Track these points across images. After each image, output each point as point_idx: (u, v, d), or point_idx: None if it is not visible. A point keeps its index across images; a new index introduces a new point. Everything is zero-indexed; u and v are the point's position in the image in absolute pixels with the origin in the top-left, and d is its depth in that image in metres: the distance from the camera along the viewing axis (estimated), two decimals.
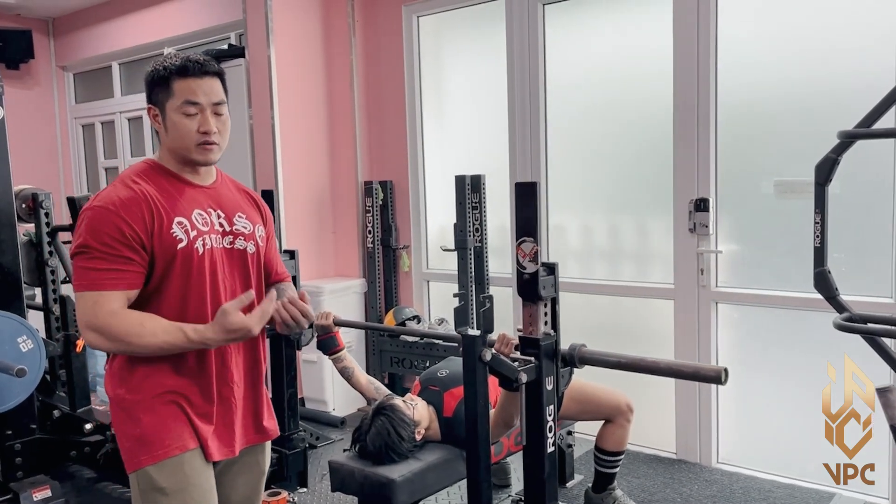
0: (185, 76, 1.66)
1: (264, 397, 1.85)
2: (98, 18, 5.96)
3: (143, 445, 1.64)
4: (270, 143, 4.39)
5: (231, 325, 1.59)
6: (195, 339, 1.60)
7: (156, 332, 1.59)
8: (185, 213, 1.67)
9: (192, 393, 1.69)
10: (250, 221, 1.81)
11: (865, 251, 3.14)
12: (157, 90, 1.69)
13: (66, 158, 6.60)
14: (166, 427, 1.65)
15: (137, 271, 1.61)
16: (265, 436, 1.84)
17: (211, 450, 1.70)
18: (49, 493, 3.32)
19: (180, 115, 1.66)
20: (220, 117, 1.71)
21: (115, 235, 1.58)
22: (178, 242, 1.63)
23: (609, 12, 3.85)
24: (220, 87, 1.72)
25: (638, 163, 3.81)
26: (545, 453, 2.16)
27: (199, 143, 1.67)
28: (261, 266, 1.83)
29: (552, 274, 2.15)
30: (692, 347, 3.51)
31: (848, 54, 3.13)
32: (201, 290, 1.67)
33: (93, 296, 1.58)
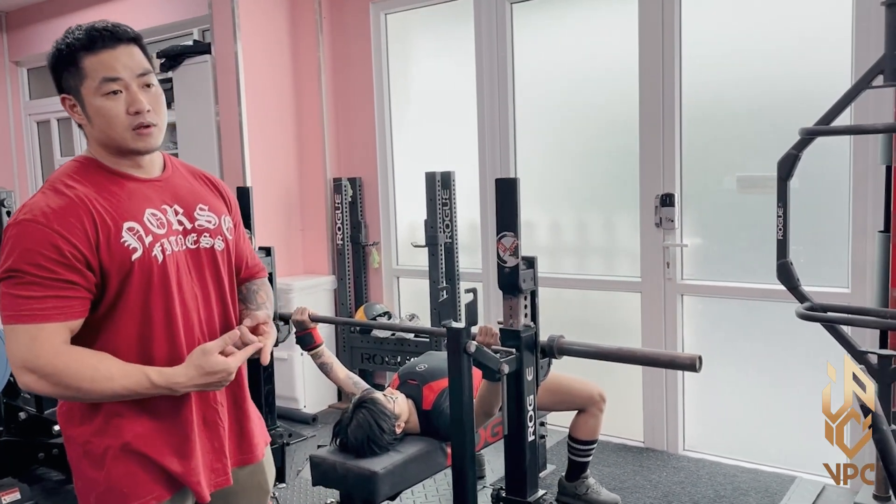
0: (94, 50, 1.37)
1: (251, 413, 1.65)
2: (53, 13, 5.82)
3: (111, 498, 1.42)
4: (238, 141, 4.36)
5: (212, 366, 1.38)
6: (160, 383, 1.36)
7: (112, 377, 1.33)
8: (134, 215, 1.40)
9: (166, 432, 1.45)
10: (214, 213, 1.55)
11: (824, 243, 3.28)
12: (66, 75, 1.40)
13: (20, 156, 6.43)
14: (137, 478, 1.42)
15: (82, 297, 1.34)
16: (254, 455, 1.63)
17: (201, 490, 1.49)
18: (18, 495, 3.26)
19: (101, 97, 1.38)
20: (149, 90, 1.42)
21: (51, 255, 1.30)
22: (131, 253, 1.37)
23: (576, 11, 3.93)
24: (140, 55, 1.42)
25: (605, 159, 3.90)
26: (526, 442, 2.22)
27: (133, 128, 1.39)
28: (231, 262, 1.60)
29: (532, 267, 2.21)
30: (659, 338, 3.62)
31: (807, 54, 3.26)
32: (167, 303, 1.43)
33: (29, 330, 1.30)
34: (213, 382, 1.41)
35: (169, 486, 1.47)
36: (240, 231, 1.69)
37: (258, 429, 1.67)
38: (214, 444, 1.54)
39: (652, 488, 3.27)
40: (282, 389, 4.29)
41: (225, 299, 1.58)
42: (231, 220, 1.62)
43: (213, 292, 1.54)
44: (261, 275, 1.77)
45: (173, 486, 1.48)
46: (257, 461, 1.65)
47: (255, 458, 1.65)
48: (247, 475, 1.64)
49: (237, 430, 1.61)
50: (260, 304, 1.69)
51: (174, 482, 1.48)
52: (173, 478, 1.47)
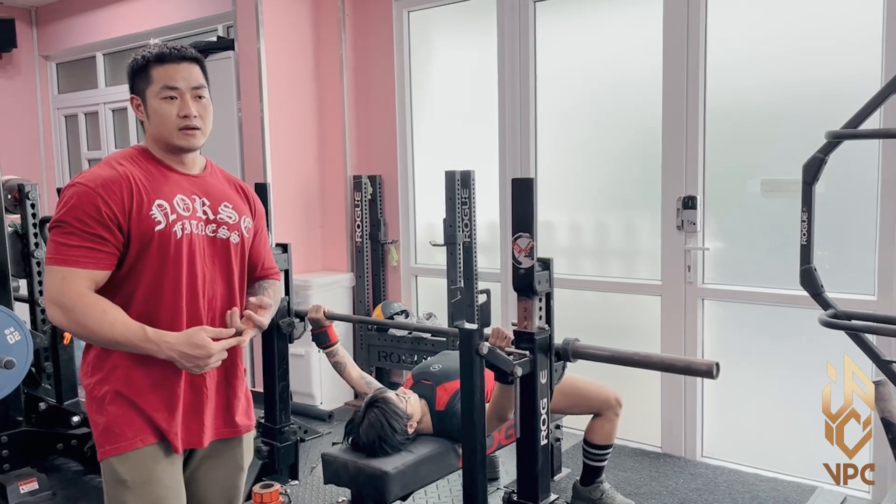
0: (162, 62, 1.69)
1: (240, 392, 1.84)
2: (82, 8, 5.89)
3: (107, 436, 1.66)
4: (259, 137, 4.38)
5: (201, 340, 1.60)
6: (153, 339, 1.59)
7: (115, 323, 1.58)
8: (166, 196, 1.67)
9: (157, 386, 1.67)
10: (236, 212, 1.80)
11: (849, 249, 3.20)
12: (137, 79, 1.71)
13: (48, 149, 6.53)
14: (129, 420, 1.65)
15: (109, 251, 1.60)
16: (235, 430, 1.82)
17: (176, 442, 1.69)
18: (36, 485, 3.31)
19: (160, 100, 1.68)
20: (200, 101, 1.73)
21: (91, 213, 1.58)
22: (155, 224, 1.63)
23: (600, 11, 3.89)
24: (199, 72, 1.74)
25: (626, 160, 3.85)
26: (538, 446, 2.19)
27: (180, 128, 1.68)
28: (244, 257, 1.82)
29: (547, 269, 2.19)
30: (678, 343, 3.56)
31: (835, 56, 3.19)
32: (177, 274, 1.66)
33: (62, 271, 1.58)
34: (193, 357, 1.61)
35: (155, 433, 1.68)
36: (261, 236, 1.92)
37: (244, 409, 1.86)
38: (196, 406, 1.73)
39: (668, 495, 3.22)
40: (298, 386, 4.30)
41: (231, 285, 1.78)
42: (252, 223, 1.86)
43: (220, 276, 1.76)
44: (274, 276, 1.98)
45: (159, 435, 1.68)
46: (237, 436, 1.84)
47: (236, 432, 1.83)
48: (226, 448, 1.83)
49: (224, 404, 1.80)
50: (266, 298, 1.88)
51: (159, 432, 1.68)
52: (159, 428, 1.67)
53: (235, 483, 1.87)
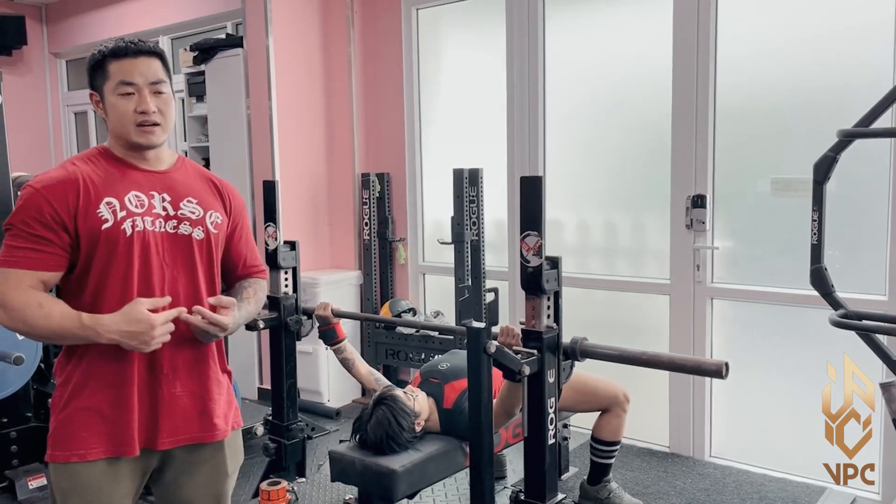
0: (119, 57, 1.64)
1: (215, 395, 1.75)
2: (92, 5, 5.92)
3: (53, 441, 1.63)
4: (268, 134, 4.38)
5: (137, 313, 1.54)
6: (88, 324, 1.54)
7: (51, 314, 1.55)
8: (117, 193, 1.63)
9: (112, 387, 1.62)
10: (201, 207, 1.73)
11: (860, 249, 3.18)
12: (95, 76, 1.67)
13: (57, 146, 6.56)
14: (72, 433, 1.61)
15: (54, 252, 1.58)
16: (211, 434, 1.73)
17: (132, 445, 1.63)
18: (44, 480, 3.32)
19: (117, 96, 1.64)
20: (160, 97, 1.66)
21: (34, 215, 1.56)
22: (102, 223, 1.59)
23: (609, 8, 3.87)
24: (158, 66, 1.67)
25: (635, 159, 3.84)
26: (546, 445, 2.19)
27: (138, 124, 1.63)
28: (212, 254, 1.75)
29: (555, 268, 2.18)
30: (687, 342, 3.55)
31: (846, 54, 3.16)
32: (127, 273, 1.61)
33: (4, 272, 1.56)
34: (136, 333, 1.55)
35: (103, 447, 1.62)
36: (241, 233, 1.87)
37: (222, 411, 1.77)
38: (153, 405, 1.67)
39: (676, 495, 3.21)
40: (306, 383, 4.31)
41: (196, 283, 1.72)
42: (222, 217, 1.78)
43: (181, 274, 1.70)
44: (258, 275, 1.93)
45: (108, 450, 1.63)
46: (215, 440, 1.75)
47: (213, 437, 1.75)
48: (206, 453, 1.76)
49: (199, 407, 1.73)
50: (244, 298, 1.83)
51: (111, 446, 1.63)
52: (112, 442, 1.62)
53: (221, 490, 1.80)
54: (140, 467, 1.69)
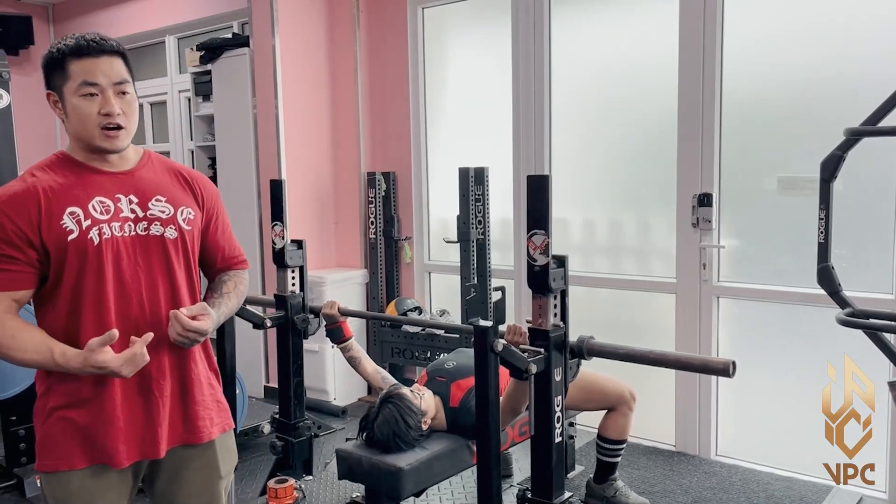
0: (80, 56, 1.55)
1: (199, 397, 1.72)
2: (98, 5, 5.94)
3: (40, 451, 1.62)
4: (274, 134, 4.39)
5: (94, 362, 1.49)
6: (60, 362, 1.51)
7: (25, 349, 1.51)
8: (79, 201, 1.56)
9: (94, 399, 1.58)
10: (171, 205, 1.67)
11: (867, 247, 3.17)
12: (53, 74, 1.58)
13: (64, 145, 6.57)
14: (60, 441, 1.59)
15: (22, 271, 1.52)
16: (198, 436, 1.71)
17: (118, 457, 1.60)
18: None
19: (79, 97, 1.55)
20: (124, 97, 1.59)
21: None
22: (68, 234, 1.53)
23: (615, 7, 3.87)
24: (121, 65, 1.59)
25: (641, 157, 3.84)
26: (553, 443, 2.19)
27: (102, 127, 1.55)
28: (188, 251, 1.70)
29: (562, 266, 2.18)
30: (693, 341, 3.55)
31: (854, 52, 3.15)
32: (99, 283, 1.56)
33: None
34: (104, 373, 1.52)
35: (88, 456, 1.60)
36: (218, 224, 1.81)
37: (208, 413, 1.74)
38: (148, 415, 1.64)
39: (682, 493, 3.21)
40: (312, 381, 4.32)
41: (175, 284, 1.67)
42: (195, 212, 1.72)
43: (159, 277, 1.64)
44: (238, 266, 1.88)
45: (92, 459, 1.60)
46: (200, 443, 1.73)
47: (200, 439, 1.72)
48: (194, 456, 1.73)
49: (182, 410, 1.70)
50: (224, 293, 1.80)
51: (95, 456, 1.60)
52: (95, 451, 1.60)
53: (214, 491, 1.78)
54: (130, 475, 1.67)
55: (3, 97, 3.19)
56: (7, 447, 3.38)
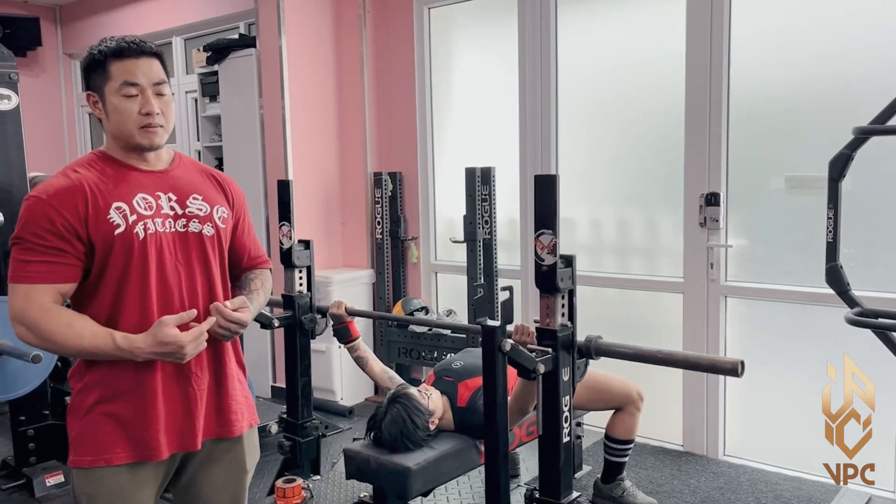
0: (121, 58, 1.61)
1: (232, 391, 1.76)
2: (105, 6, 5.96)
3: (76, 447, 1.63)
4: (281, 134, 4.40)
5: (164, 336, 1.53)
6: (123, 346, 1.54)
7: (83, 335, 1.53)
8: (124, 197, 1.61)
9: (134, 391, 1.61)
10: (207, 203, 1.73)
11: (876, 247, 3.16)
12: (94, 75, 1.64)
13: (72, 146, 6.61)
14: (94, 438, 1.60)
15: (71, 264, 1.56)
16: (230, 430, 1.75)
17: (159, 448, 1.63)
18: (62, 478, 3.36)
19: (120, 97, 1.61)
20: (162, 98, 1.65)
21: (45, 226, 1.53)
22: (115, 228, 1.58)
23: (622, 6, 3.86)
24: (159, 66, 1.66)
25: (648, 157, 3.83)
26: (561, 443, 2.19)
27: (141, 126, 1.61)
28: (223, 249, 1.75)
29: (570, 266, 2.18)
30: (701, 341, 3.54)
31: (862, 50, 3.14)
32: (144, 277, 1.61)
33: (24, 289, 1.53)
34: (169, 353, 1.56)
35: (127, 451, 1.62)
36: (244, 225, 1.86)
37: (239, 407, 1.78)
38: (186, 407, 1.67)
39: (690, 493, 3.20)
40: (319, 381, 4.33)
41: (212, 279, 1.72)
42: (228, 212, 1.79)
43: (198, 272, 1.69)
44: (262, 265, 1.93)
45: (132, 455, 1.62)
46: (233, 436, 1.76)
47: (231, 433, 1.76)
48: (224, 449, 1.76)
49: (216, 403, 1.73)
50: (253, 290, 1.85)
51: (135, 451, 1.62)
52: (136, 447, 1.62)
53: (239, 486, 1.82)
54: (164, 469, 1.69)
55: (12, 98, 3.20)
56: (16, 447, 3.40)
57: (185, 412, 1.66)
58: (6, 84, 3.17)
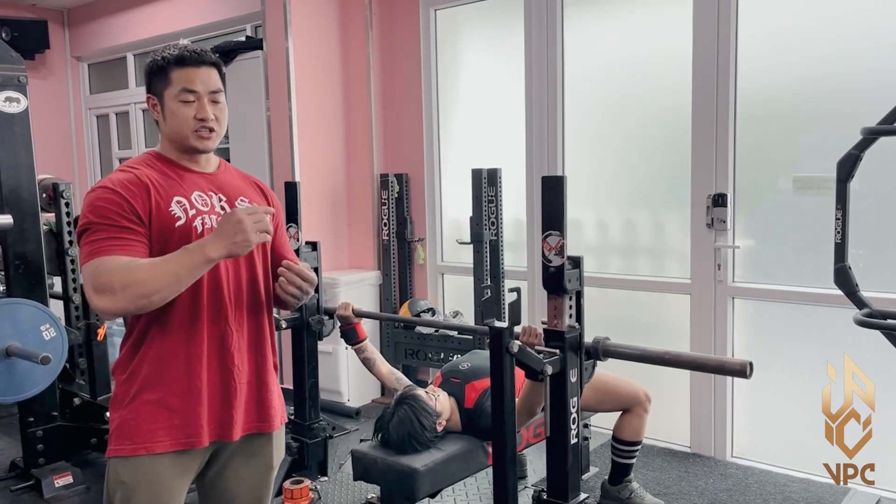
0: (182, 65, 1.70)
1: (272, 387, 1.82)
2: (113, 9, 5.99)
3: (118, 436, 1.67)
4: (288, 136, 4.41)
5: (233, 214, 1.59)
6: (193, 248, 1.58)
7: (158, 262, 1.57)
8: (184, 193, 1.70)
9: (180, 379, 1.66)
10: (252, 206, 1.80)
11: (885, 247, 3.15)
12: (155, 80, 1.73)
13: (80, 149, 6.64)
14: (138, 426, 1.65)
15: (140, 241, 1.61)
16: (268, 425, 1.81)
17: (201, 435, 1.68)
18: (70, 479, 3.38)
19: (178, 102, 1.70)
20: (217, 105, 1.74)
21: (116, 210, 1.60)
22: (176, 220, 1.66)
23: (628, 6, 3.86)
24: (216, 76, 1.75)
25: (655, 158, 3.82)
26: (569, 445, 2.18)
27: (195, 130, 1.70)
28: (266, 250, 1.83)
29: (577, 267, 2.18)
30: (708, 342, 3.53)
31: (870, 50, 3.13)
32: None
33: (97, 261, 1.57)
34: (232, 232, 1.57)
35: (169, 442, 1.66)
36: (280, 231, 1.93)
37: (277, 402, 1.84)
38: (226, 398, 1.72)
39: (698, 495, 3.19)
40: (326, 383, 4.33)
41: (255, 277, 1.78)
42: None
43: (243, 270, 1.76)
44: None
45: (174, 443, 1.67)
46: (273, 430, 1.83)
47: (271, 427, 1.81)
48: (257, 444, 1.81)
49: (256, 397, 1.79)
50: None
51: (178, 439, 1.66)
52: (179, 434, 1.66)
53: (265, 481, 1.86)
54: (199, 459, 1.74)
55: (21, 101, 3.22)
56: (25, 448, 3.42)
57: (224, 403, 1.71)
58: (15, 87, 3.19)
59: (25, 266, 3.25)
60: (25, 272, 3.25)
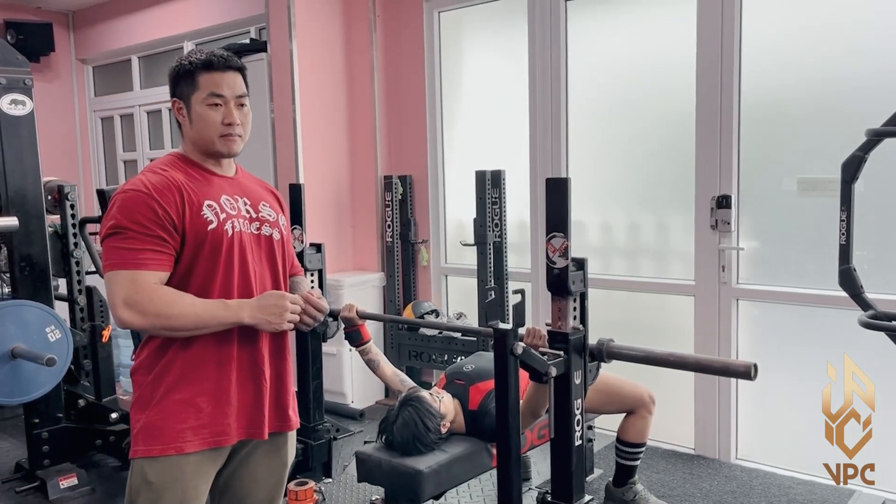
0: (210, 70, 1.73)
1: (289, 388, 1.87)
2: (118, 12, 6.00)
3: (144, 436, 1.67)
4: (292, 138, 4.42)
5: (268, 294, 1.68)
6: (232, 305, 1.64)
7: (195, 303, 1.61)
8: (213, 196, 1.71)
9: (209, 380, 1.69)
10: (273, 210, 1.86)
11: (890, 249, 3.14)
12: (181, 84, 1.75)
13: (84, 151, 6.65)
14: (167, 426, 1.66)
15: (170, 253, 1.64)
16: (287, 424, 1.85)
17: (229, 433, 1.71)
18: (75, 480, 3.38)
19: (205, 106, 1.72)
20: (242, 109, 1.77)
21: (150, 216, 1.61)
22: (208, 224, 1.67)
23: (632, 8, 3.86)
24: (242, 81, 1.78)
25: (659, 159, 3.82)
26: (573, 446, 2.18)
27: (222, 134, 1.72)
28: (285, 254, 1.87)
29: (581, 269, 2.18)
30: (713, 343, 3.53)
31: (873, 51, 3.12)
32: (228, 272, 1.70)
33: (129, 274, 1.59)
34: (270, 305, 1.67)
35: (197, 442, 1.67)
36: (289, 235, 1.97)
37: (293, 402, 1.89)
38: (257, 397, 1.76)
39: (702, 497, 3.19)
40: (330, 384, 4.34)
41: (278, 280, 1.83)
42: (285, 220, 1.92)
43: (268, 272, 1.80)
44: (299, 273, 2.07)
45: (203, 442, 1.68)
46: (290, 430, 1.88)
47: (289, 426, 1.87)
48: (275, 443, 1.85)
49: (276, 398, 1.83)
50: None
51: (207, 437, 1.68)
52: (208, 433, 1.68)
53: (280, 480, 1.90)
54: (222, 458, 1.77)
55: (26, 103, 3.23)
56: (30, 450, 3.42)
57: (254, 403, 1.75)
58: (20, 89, 3.20)
59: (31, 268, 3.26)
60: (31, 274, 3.26)
